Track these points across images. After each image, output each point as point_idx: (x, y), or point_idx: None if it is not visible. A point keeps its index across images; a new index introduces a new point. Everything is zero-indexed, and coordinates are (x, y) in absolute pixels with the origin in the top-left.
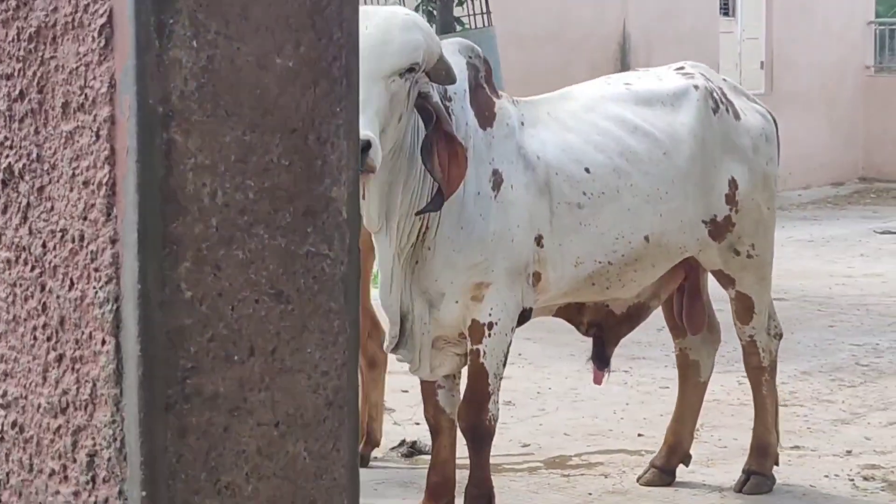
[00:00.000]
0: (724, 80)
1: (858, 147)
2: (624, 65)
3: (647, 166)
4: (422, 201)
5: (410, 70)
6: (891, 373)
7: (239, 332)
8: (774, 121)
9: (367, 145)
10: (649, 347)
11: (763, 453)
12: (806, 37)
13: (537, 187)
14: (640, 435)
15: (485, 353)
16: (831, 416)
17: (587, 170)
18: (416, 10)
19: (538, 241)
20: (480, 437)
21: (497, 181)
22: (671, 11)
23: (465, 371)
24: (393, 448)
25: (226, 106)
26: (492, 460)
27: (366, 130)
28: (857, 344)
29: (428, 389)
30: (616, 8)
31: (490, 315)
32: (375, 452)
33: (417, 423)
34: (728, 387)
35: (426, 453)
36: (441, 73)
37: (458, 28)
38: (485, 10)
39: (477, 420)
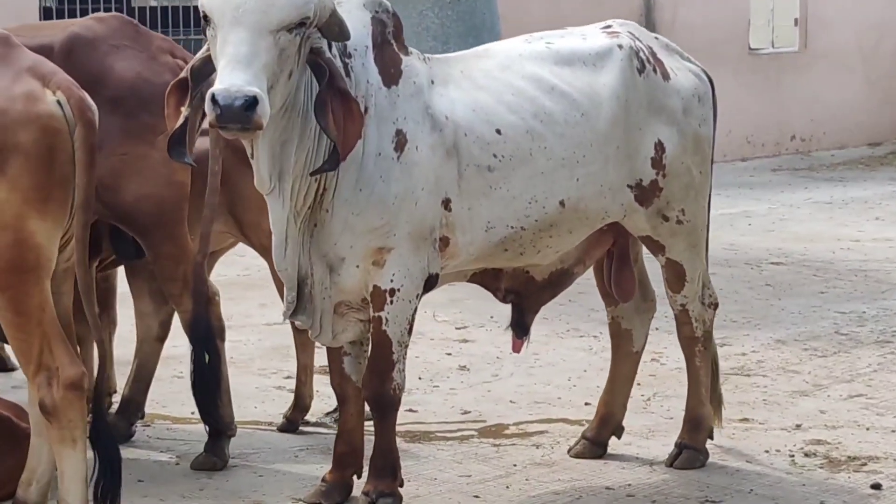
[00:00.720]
0: (656, 37)
1: None
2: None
3: (562, 128)
4: (318, 161)
5: (301, 24)
6: (869, 342)
7: None
8: (710, 80)
9: (254, 101)
10: None
11: (696, 426)
12: None
13: (445, 149)
14: (587, 404)
15: (387, 320)
16: (792, 387)
17: (498, 131)
18: None
19: (445, 204)
20: (384, 407)
21: (400, 141)
22: None
23: None
24: (327, 413)
25: None
26: (426, 427)
27: (252, 86)
28: (843, 312)
29: (334, 356)
30: None
31: (392, 281)
32: (311, 417)
33: (317, 391)
34: None
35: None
36: (334, 28)
37: None
38: None
39: (381, 389)
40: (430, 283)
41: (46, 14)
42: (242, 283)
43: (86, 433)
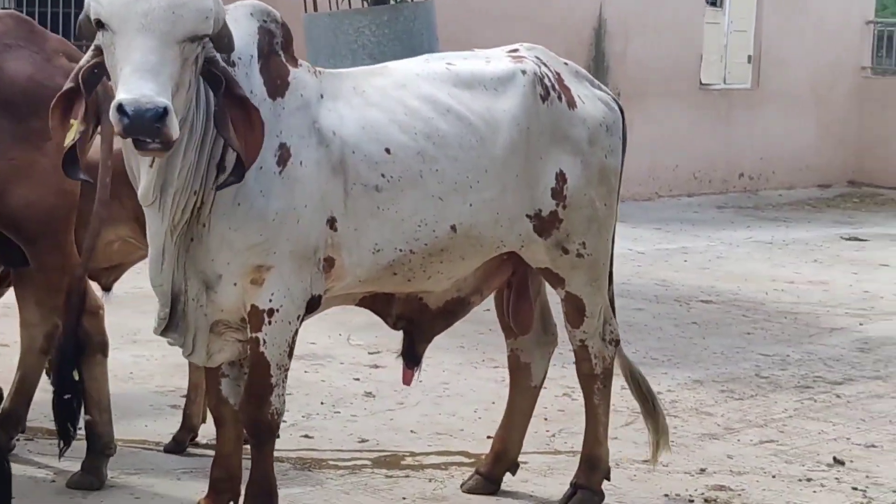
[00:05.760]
0: (566, 63)
1: (850, 150)
2: (599, 51)
3: (456, 151)
4: (198, 175)
5: (205, 34)
6: (788, 387)
7: None
8: (621, 109)
9: (164, 112)
10: None
11: (592, 466)
12: (798, 32)
13: (331, 165)
14: (488, 437)
15: (265, 341)
16: (703, 430)
17: (388, 150)
18: None
19: (331, 223)
20: (262, 433)
21: (283, 156)
22: None
23: None
24: None
25: None
26: (319, 455)
27: (161, 97)
28: (766, 354)
29: (211, 377)
30: None
31: (271, 301)
32: (202, 438)
33: None
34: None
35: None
36: (224, 39)
37: (393, 0)
38: None
39: (258, 414)
40: (313, 304)
41: None
42: (142, 298)
43: None
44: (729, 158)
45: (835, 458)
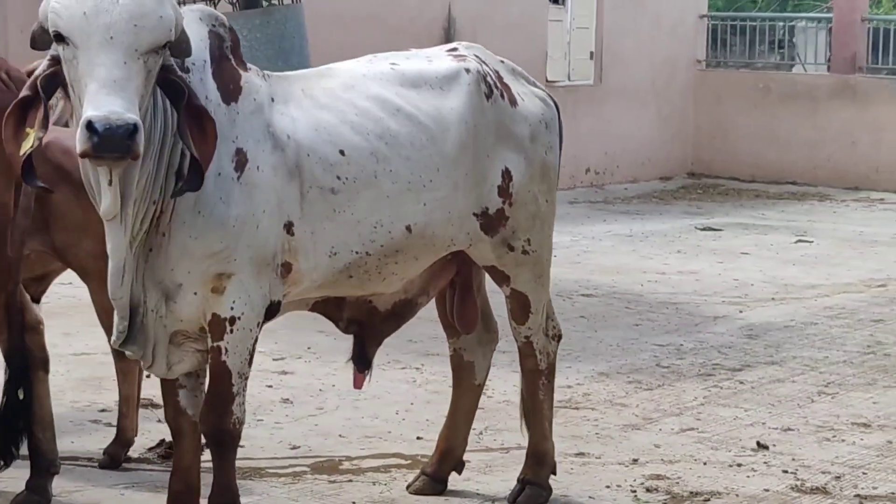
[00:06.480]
0: (502, 61)
1: (688, 142)
2: None
3: (408, 151)
4: (157, 184)
5: (165, 45)
6: (690, 375)
7: None
8: (556, 106)
9: (135, 129)
10: (443, 344)
11: (539, 461)
12: (637, 28)
13: (287, 169)
14: (419, 438)
15: (227, 350)
16: (623, 420)
17: (342, 152)
18: None
19: (288, 228)
20: (224, 443)
21: (241, 161)
22: None
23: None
24: (151, 448)
25: None
26: (255, 463)
27: (130, 113)
28: (661, 344)
29: (168, 389)
30: None
31: (232, 309)
32: (134, 452)
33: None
34: (519, 387)
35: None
36: (182, 45)
37: (265, 3)
38: None
39: (220, 424)
40: (272, 310)
41: None
42: (43, 312)
43: None
44: (575, 153)
45: (758, 443)
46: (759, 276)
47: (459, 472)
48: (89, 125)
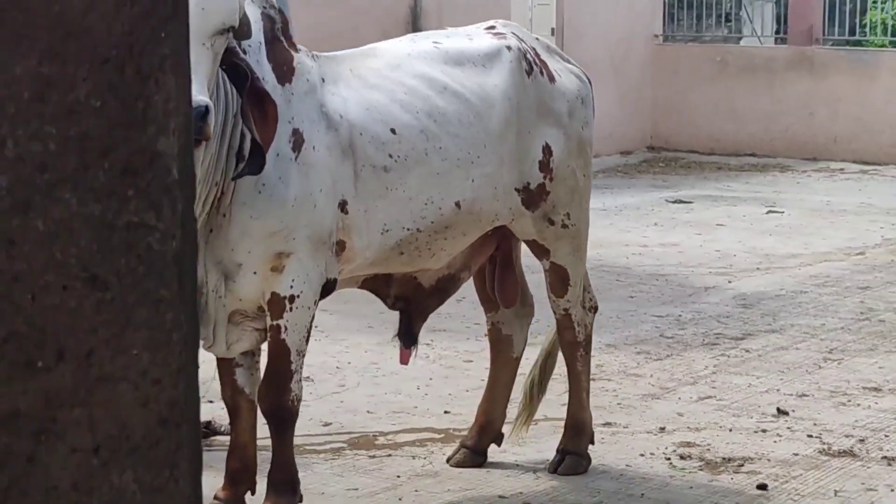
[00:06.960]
0: (537, 38)
1: (646, 116)
2: (415, 29)
3: (456, 128)
4: (219, 165)
5: (230, 28)
6: (696, 345)
7: (43, 330)
8: (590, 82)
9: (206, 111)
10: (450, 319)
11: (578, 432)
12: (595, 4)
13: (340, 149)
14: (446, 412)
15: (286, 328)
16: (641, 391)
17: (393, 130)
18: None
19: (342, 206)
20: (283, 419)
21: (298, 141)
22: None
23: (265, 347)
24: None
25: (14, 26)
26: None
27: (202, 95)
28: (660, 315)
29: (225, 368)
30: None
31: (292, 287)
32: None
33: (211, 402)
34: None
35: (221, 433)
36: (245, 28)
37: None
38: None
39: (279, 401)
40: (328, 288)
41: None
42: None
43: None
44: None
45: (778, 409)
46: (740, 246)
47: (499, 445)
48: None
